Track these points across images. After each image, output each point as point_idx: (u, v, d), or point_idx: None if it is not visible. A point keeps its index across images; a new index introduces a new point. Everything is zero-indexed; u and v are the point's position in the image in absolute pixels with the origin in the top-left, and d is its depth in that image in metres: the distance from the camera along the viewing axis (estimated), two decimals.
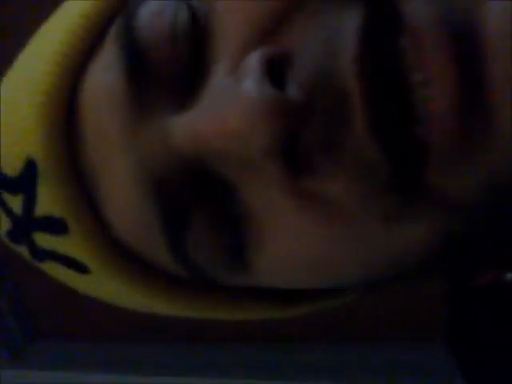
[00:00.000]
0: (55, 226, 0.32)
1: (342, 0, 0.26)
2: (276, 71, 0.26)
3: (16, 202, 0.33)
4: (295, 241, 0.29)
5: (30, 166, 0.32)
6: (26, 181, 0.32)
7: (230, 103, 0.26)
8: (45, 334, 1.54)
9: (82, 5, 0.33)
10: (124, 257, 0.33)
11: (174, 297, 0.35)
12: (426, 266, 0.30)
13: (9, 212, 0.33)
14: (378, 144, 0.25)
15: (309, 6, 0.27)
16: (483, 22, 0.24)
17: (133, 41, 0.30)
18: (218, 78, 0.28)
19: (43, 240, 0.33)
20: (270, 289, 0.34)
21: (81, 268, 0.33)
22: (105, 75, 0.31)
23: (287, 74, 0.26)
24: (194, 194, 0.30)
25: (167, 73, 0.29)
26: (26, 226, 0.33)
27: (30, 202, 0.32)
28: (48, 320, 1.51)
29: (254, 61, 0.26)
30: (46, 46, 0.33)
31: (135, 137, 0.30)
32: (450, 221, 0.27)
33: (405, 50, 0.24)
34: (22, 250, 0.35)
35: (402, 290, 0.36)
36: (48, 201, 0.32)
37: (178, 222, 0.30)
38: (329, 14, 0.26)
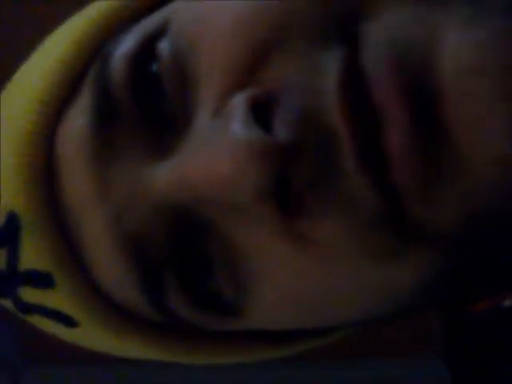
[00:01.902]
0: (41, 280, 0.32)
1: (316, 36, 0.26)
2: (261, 112, 0.26)
3: (0, 257, 0.32)
4: (288, 283, 0.28)
5: (12, 220, 0.31)
6: (8, 235, 0.31)
7: (217, 147, 0.26)
8: (45, 358, 1.53)
9: (60, 49, 0.33)
10: (111, 307, 0.33)
11: (164, 344, 0.34)
12: (420, 300, 0.30)
13: None
14: (367, 180, 0.25)
15: (289, 44, 0.27)
16: (438, 59, 0.24)
17: (103, 88, 0.30)
18: (202, 121, 0.28)
19: (29, 294, 0.32)
20: (260, 331, 0.34)
21: (69, 321, 0.33)
22: (77, 122, 0.31)
23: (273, 115, 0.26)
24: (170, 250, 0.29)
25: (141, 119, 0.29)
26: (10, 281, 0.32)
27: (13, 256, 0.32)
28: (48, 345, 1.50)
29: (239, 103, 0.26)
30: (24, 93, 0.32)
31: (107, 189, 0.29)
32: (438, 254, 0.27)
33: (371, 93, 0.25)
34: (8, 304, 0.34)
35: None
36: (32, 254, 0.31)
37: (155, 281, 0.30)
38: (309, 53, 0.26)
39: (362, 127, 0.25)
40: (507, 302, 0.33)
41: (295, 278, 0.28)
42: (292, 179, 0.26)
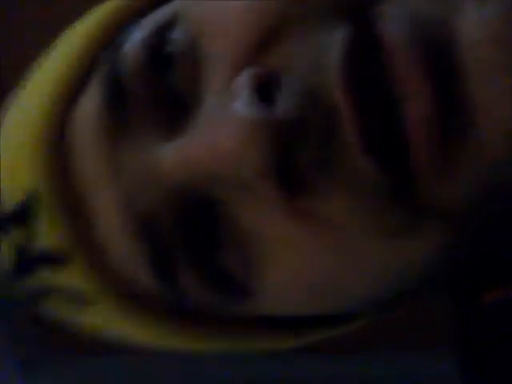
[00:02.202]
0: (54, 258, 0.32)
1: (326, 19, 0.27)
2: (265, 90, 0.27)
3: (16, 237, 0.33)
4: (295, 262, 0.29)
5: (28, 201, 0.32)
6: (24, 215, 0.32)
7: (221, 125, 0.27)
8: (59, 348, 1.54)
9: (72, 42, 0.34)
10: (123, 288, 0.33)
11: (176, 328, 0.35)
12: (430, 282, 0.30)
13: (7, 248, 0.34)
14: (370, 157, 0.25)
15: (297, 28, 0.27)
16: (456, 33, 0.25)
17: (114, 71, 0.31)
18: (209, 102, 0.28)
19: (42, 273, 0.33)
20: (272, 319, 0.34)
21: (81, 299, 0.33)
22: (89, 104, 0.32)
23: (276, 93, 0.27)
24: (181, 230, 0.30)
25: (151, 101, 0.30)
26: (25, 260, 0.33)
27: (29, 236, 0.33)
28: (62, 334, 1.51)
29: (242, 82, 0.27)
30: (40, 84, 0.34)
31: (119, 169, 0.30)
32: (449, 231, 0.27)
33: (385, 67, 0.25)
34: (20, 288, 0.35)
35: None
36: (46, 234, 0.32)
37: (165, 260, 0.30)
38: (314, 32, 0.27)
39: (369, 103, 0.25)
40: None
41: (301, 256, 0.28)
42: (295, 156, 0.26)
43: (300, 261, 0.29)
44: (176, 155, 0.29)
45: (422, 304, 0.36)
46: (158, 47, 0.30)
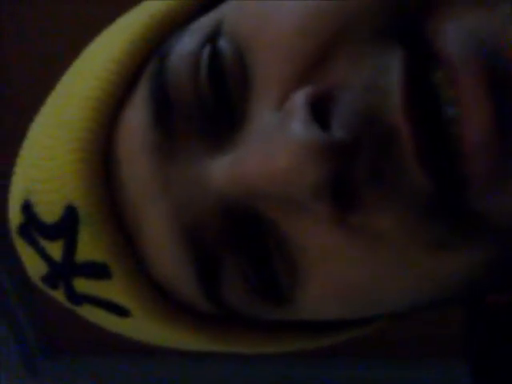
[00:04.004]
0: (98, 271, 0.32)
1: (379, 36, 0.27)
2: (321, 111, 0.27)
3: (55, 248, 0.33)
4: (341, 274, 0.29)
5: (71, 213, 0.32)
6: (66, 228, 0.32)
7: (278, 145, 0.27)
8: (62, 348, 1.54)
9: (114, 49, 0.33)
10: (163, 298, 0.33)
11: (213, 334, 0.35)
12: (464, 292, 0.30)
13: (46, 258, 0.33)
14: (426, 174, 0.26)
15: (350, 44, 0.27)
16: None
17: (161, 83, 0.30)
18: (262, 118, 0.28)
19: (83, 285, 0.33)
20: (304, 321, 0.35)
21: (122, 312, 0.33)
22: (135, 119, 0.31)
23: (331, 113, 0.27)
24: (229, 242, 0.30)
25: (199, 115, 0.30)
26: (65, 271, 0.33)
27: (70, 248, 0.32)
28: (65, 334, 1.51)
29: (299, 100, 0.27)
30: (80, 90, 0.33)
31: (167, 182, 0.30)
32: (493, 248, 0.27)
33: (443, 87, 0.25)
34: (57, 294, 0.35)
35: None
36: (89, 246, 0.32)
37: (211, 271, 0.31)
38: (369, 50, 0.27)
39: (424, 123, 0.25)
40: None
41: (347, 269, 0.29)
42: (349, 177, 0.27)
43: (344, 272, 0.29)
44: (229, 170, 0.29)
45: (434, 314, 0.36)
46: (208, 56, 0.30)
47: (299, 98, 0.27)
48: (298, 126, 0.26)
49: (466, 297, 0.33)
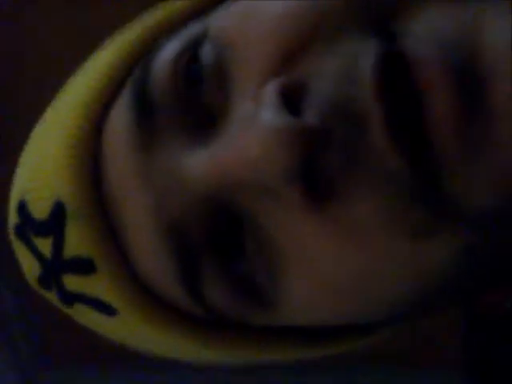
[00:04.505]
0: (84, 266, 0.33)
1: (351, 30, 0.27)
2: (292, 99, 0.27)
3: (45, 245, 0.33)
4: (320, 267, 0.29)
5: (59, 208, 0.32)
6: (55, 223, 0.32)
7: (249, 133, 0.27)
8: (58, 361, 1.54)
9: (107, 55, 0.35)
10: (149, 297, 0.33)
11: (199, 337, 0.35)
12: (452, 285, 0.30)
13: (39, 256, 0.34)
14: (399, 156, 0.26)
15: (324, 39, 0.28)
16: (480, 44, 0.26)
17: (144, 86, 0.31)
18: (239, 111, 0.29)
19: (71, 282, 0.33)
20: (296, 330, 0.34)
21: (108, 310, 0.33)
22: (119, 118, 0.32)
23: (303, 101, 0.27)
24: (206, 238, 0.30)
25: (179, 115, 0.31)
26: (55, 268, 0.33)
27: (59, 243, 0.33)
28: (61, 347, 1.51)
29: (269, 91, 0.27)
30: (74, 93, 0.34)
31: (148, 177, 0.31)
32: (472, 232, 0.27)
33: (413, 76, 0.26)
34: (52, 296, 0.35)
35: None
36: (76, 241, 0.32)
37: (193, 268, 0.31)
38: (340, 42, 0.27)
39: (397, 106, 0.26)
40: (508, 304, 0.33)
41: (327, 262, 0.29)
42: (321, 163, 0.27)
43: (324, 265, 0.29)
44: (206, 162, 0.29)
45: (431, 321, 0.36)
46: (186, 63, 0.31)
47: (270, 87, 0.28)
48: (268, 113, 0.27)
49: (458, 294, 0.33)
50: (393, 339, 0.39)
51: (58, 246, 0.33)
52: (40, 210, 0.33)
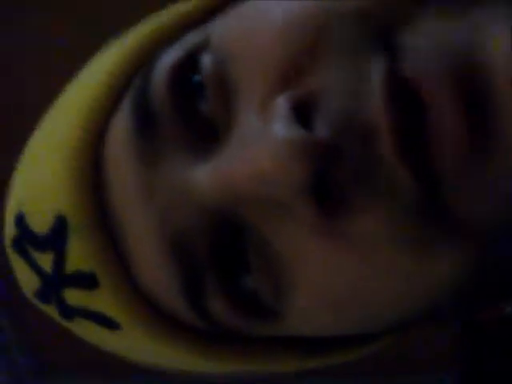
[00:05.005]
0: (86, 281, 0.32)
1: (358, 43, 0.27)
2: (303, 113, 0.27)
3: (45, 260, 0.33)
4: (327, 281, 0.29)
5: (61, 222, 0.32)
6: (56, 238, 0.32)
7: (259, 146, 0.27)
8: (53, 369, 1.53)
9: (107, 63, 0.34)
10: (152, 310, 0.33)
11: (203, 350, 0.34)
12: (453, 299, 0.30)
13: (38, 271, 0.33)
14: (407, 170, 0.26)
15: (330, 52, 0.28)
16: (485, 59, 0.26)
17: (144, 94, 0.31)
18: (246, 123, 0.29)
19: (73, 297, 0.33)
20: (297, 340, 0.34)
21: (111, 324, 0.33)
22: (120, 127, 0.32)
23: (314, 115, 0.27)
24: (211, 253, 0.30)
25: (181, 124, 0.30)
26: (56, 283, 0.33)
27: (60, 258, 0.32)
28: (56, 355, 1.50)
29: (281, 104, 0.27)
30: (72, 104, 0.34)
31: (151, 191, 0.30)
32: (473, 248, 0.27)
33: (416, 91, 0.26)
34: (50, 310, 0.35)
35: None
36: (78, 256, 0.32)
37: (197, 283, 0.30)
38: (348, 57, 0.27)
39: (405, 121, 0.26)
40: (509, 309, 0.33)
41: (334, 277, 0.28)
42: (332, 177, 0.27)
43: (330, 279, 0.29)
44: (212, 175, 0.29)
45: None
46: (186, 73, 0.31)
47: (281, 101, 0.27)
48: (281, 127, 0.26)
49: (456, 308, 0.33)
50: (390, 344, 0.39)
51: (60, 261, 0.32)
52: (40, 224, 0.33)
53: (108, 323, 0.33)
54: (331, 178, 0.27)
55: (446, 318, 0.34)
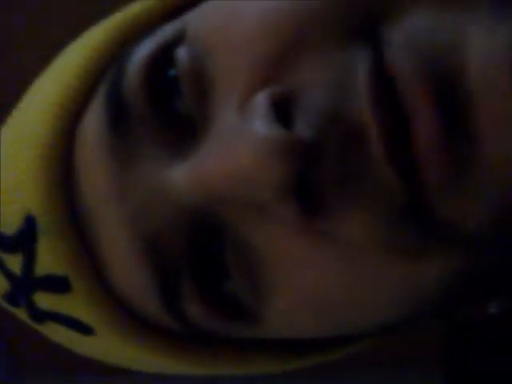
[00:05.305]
0: (57, 284, 0.31)
1: (340, 38, 0.26)
2: (284, 110, 0.26)
3: (14, 262, 0.31)
4: (308, 284, 0.28)
5: (30, 223, 0.31)
6: (25, 239, 0.31)
7: (238, 144, 0.26)
8: (31, 368, 1.52)
9: (78, 56, 0.33)
10: (126, 314, 0.32)
11: (180, 353, 0.33)
12: (437, 303, 0.30)
13: (7, 273, 0.32)
14: (396, 175, 0.25)
15: (312, 46, 0.27)
16: (464, 61, 0.25)
17: (117, 89, 0.30)
18: (224, 121, 0.27)
19: (44, 300, 0.32)
20: (278, 341, 0.34)
21: (84, 329, 0.32)
22: (91, 123, 0.30)
23: (295, 113, 0.26)
24: (187, 254, 0.29)
25: (155, 120, 0.29)
26: (25, 286, 0.32)
27: (30, 260, 0.31)
28: (34, 354, 1.49)
29: (261, 101, 0.26)
30: (42, 99, 0.32)
31: (124, 190, 0.29)
32: (459, 255, 0.27)
33: (399, 90, 0.25)
34: (20, 313, 0.34)
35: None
36: (49, 258, 0.31)
37: (172, 286, 0.29)
38: (332, 53, 0.26)
39: (391, 124, 0.25)
40: (492, 310, 0.33)
41: (315, 278, 0.28)
42: (314, 177, 0.26)
43: (312, 281, 0.28)
44: (189, 175, 0.28)
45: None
46: (161, 67, 0.29)
47: (261, 97, 0.26)
48: (260, 124, 0.25)
49: (441, 309, 0.32)
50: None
51: (29, 263, 0.31)
52: (8, 225, 0.31)
53: (81, 328, 0.32)
54: (312, 178, 0.26)
55: (430, 318, 0.34)
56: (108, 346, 0.33)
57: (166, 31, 0.31)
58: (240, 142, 0.26)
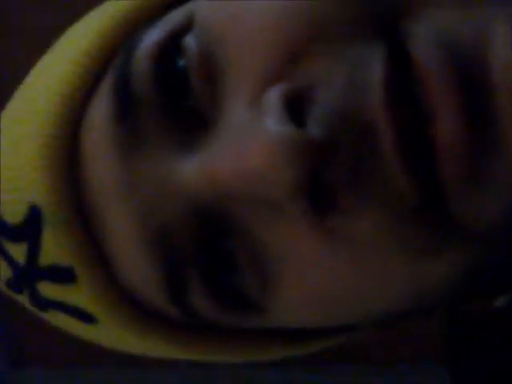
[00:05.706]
0: (62, 275, 0.31)
1: (355, 34, 0.26)
2: (297, 107, 0.26)
3: (18, 251, 0.31)
4: (317, 280, 0.28)
5: (35, 213, 0.30)
6: (30, 228, 0.30)
7: (251, 142, 0.25)
8: (31, 360, 1.52)
9: (84, 40, 0.32)
10: (131, 304, 0.32)
11: (184, 341, 0.33)
12: (446, 298, 0.30)
13: (10, 261, 0.32)
14: (407, 174, 0.25)
15: (327, 41, 0.26)
16: (489, 58, 0.24)
17: (124, 77, 0.29)
18: (235, 115, 0.27)
19: (48, 290, 0.32)
20: (278, 329, 0.33)
21: (88, 318, 0.32)
22: (98, 112, 0.30)
23: (307, 110, 0.26)
24: (196, 248, 0.29)
25: (164, 111, 0.29)
26: (29, 275, 0.31)
27: (34, 250, 0.31)
28: (34, 346, 1.49)
29: (273, 98, 0.26)
30: (47, 85, 0.32)
31: (133, 182, 0.29)
32: (473, 253, 0.27)
33: (418, 88, 0.24)
34: (22, 299, 0.33)
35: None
36: (54, 249, 0.30)
37: (179, 278, 0.29)
38: (347, 50, 0.26)
39: (406, 121, 0.24)
40: (497, 303, 0.32)
41: (325, 276, 0.28)
42: (326, 176, 0.26)
43: (321, 278, 0.28)
44: (200, 169, 0.27)
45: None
46: (169, 54, 0.29)
47: (274, 94, 0.26)
48: (273, 123, 0.25)
49: (446, 304, 0.32)
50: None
51: (33, 253, 0.31)
52: (13, 214, 0.31)
53: (85, 317, 0.32)
54: (324, 177, 0.26)
55: (435, 310, 0.34)
56: (111, 334, 0.33)
57: (174, 17, 0.30)
58: (252, 140, 0.25)
